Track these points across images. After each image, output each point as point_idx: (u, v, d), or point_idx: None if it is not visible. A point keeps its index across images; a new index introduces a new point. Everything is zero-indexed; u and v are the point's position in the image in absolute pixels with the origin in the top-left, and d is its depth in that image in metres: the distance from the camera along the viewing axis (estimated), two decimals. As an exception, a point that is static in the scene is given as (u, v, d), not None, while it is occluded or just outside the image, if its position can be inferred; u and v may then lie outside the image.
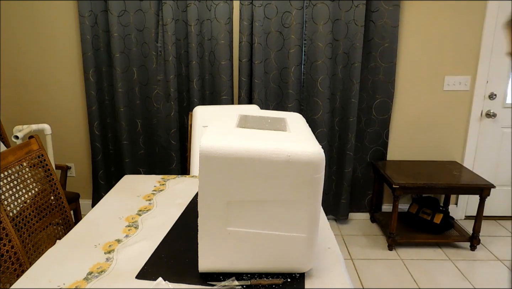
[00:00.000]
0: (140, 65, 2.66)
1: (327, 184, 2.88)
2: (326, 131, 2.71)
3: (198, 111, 2.15)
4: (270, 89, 2.68)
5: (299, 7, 2.48)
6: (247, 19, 2.50)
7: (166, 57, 2.57)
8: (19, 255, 1.29)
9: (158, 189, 1.68)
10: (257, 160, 0.92)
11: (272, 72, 2.63)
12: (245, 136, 0.98)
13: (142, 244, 1.21)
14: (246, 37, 2.53)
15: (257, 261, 1.03)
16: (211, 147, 0.91)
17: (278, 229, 0.99)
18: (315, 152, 0.93)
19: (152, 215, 1.42)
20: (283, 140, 0.97)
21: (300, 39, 2.54)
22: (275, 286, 1.01)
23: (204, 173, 0.93)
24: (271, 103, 2.71)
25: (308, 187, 0.95)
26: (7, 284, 1.21)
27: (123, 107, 2.68)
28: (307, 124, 1.22)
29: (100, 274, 1.05)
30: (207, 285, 1.00)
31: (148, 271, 1.06)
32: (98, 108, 2.72)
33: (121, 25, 2.55)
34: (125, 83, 2.66)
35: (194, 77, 2.61)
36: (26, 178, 1.53)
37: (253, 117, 1.20)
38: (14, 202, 1.42)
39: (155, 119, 2.75)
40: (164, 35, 2.54)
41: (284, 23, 2.54)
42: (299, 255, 1.02)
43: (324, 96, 2.62)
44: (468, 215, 3.03)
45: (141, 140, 2.80)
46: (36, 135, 1.64)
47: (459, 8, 2.59)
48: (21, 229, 1.40)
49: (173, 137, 2.73)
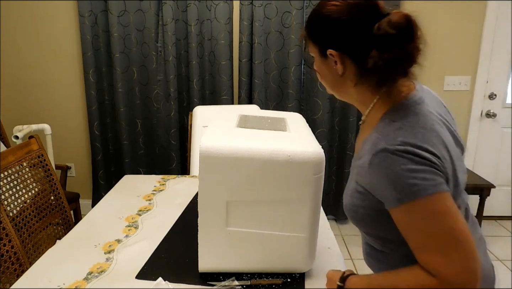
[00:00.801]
0: (140, 65, 2.66)
1: (327, 184, 2.88)
2: (326, 131, 2.70)
3: (198, 111, 2.15)
4: (270, 89, 2.68)
5: (299, 7, 2.48)
6: (247, 19, 2.50)
7: (166, 57, 2.57)
8: (19, 255, 1.29)
9: (158, 189, 1.68)
10: (257, 160, 0.91)
11: (272, 72, 2.63)
12: (245, 136, 0.98)
13: (142, 244, 1.21)
14: (246, 37, 2.53)
15: (257, 261, 1.03)
16: (211, 147, 0.91)
17: (278, 229, 0.99)
18: (315, 152, 0.93)
19: (152, 215, 1.42)
20: (283, 140, 0.97)
21: (300, 39, 2.54)
22: (275, 286, 1.01)
23: (204, 173, 0.93)
24: (271, 103, 2.71)
25: (308, 187, 0.95)
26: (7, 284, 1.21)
27: (123, 107, 2.68)
28: (307, 124, 1.22)
29: (100, 274, 1.05)
30: (207, 285, 1.00)
31: (148, 271, 1.06)
32: (98, 108, 2.72)
33: (121, 25, 2.55)
34: (125, 83, 2.66)
35: (194, 77, 2.61)
36: (26, 178, 1.53)
37: (253, 117, 1.20)
38: (14, 202, 1.42)
39: (155, 119, 2.75)
40: (164, 35, 2.54)
41: (284, 23, 2.54)
42: (299, 255, 1.02)
43: (324, 96, 2.62)
44: (468, 215, 3.02)
45: (141, 140, 2.80)
46: (36, 135, 1.64)
47: (459, 8, 2.58)
48: (21, 229, 1.40)
49: (173, 137, 2.73)
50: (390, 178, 0.70)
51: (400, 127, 0.73)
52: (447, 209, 0.69)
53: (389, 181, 0.70)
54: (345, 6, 0.77)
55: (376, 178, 0.73)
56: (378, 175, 0.72)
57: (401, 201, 0.70)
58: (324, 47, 0.81)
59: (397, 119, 0.75)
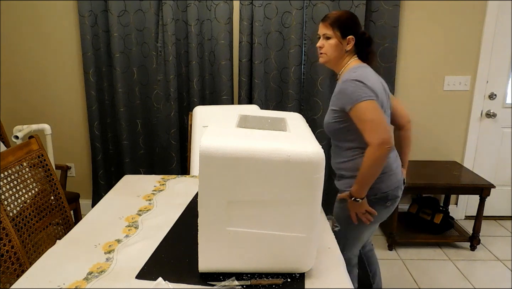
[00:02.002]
0: (140, 65, 2.66)
1: (327, 184, 2.88)
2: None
3: (198, 111, 2.15)
4: (270, 89, 2.67)
5: (299, 7, 2.48)
6: (247, 19, 2.50)
7: (166, 57, 2.57)
8: (19, 255, 1.29)
9: (158, 189, 1.68)
10: (257, 160, 0.91)
11: (272, 72, 2.63)
12: (245, 136, 0.98)
13: (142, 244, 1.21)
14: (246, 37, 2.53)
15: (257, 261, 1.03)
16: (211, 147, 0.91)
17: (278, 229, 0.99)
18: (315, 152, 0.93)
19: (152, 215, 1.42)
20: (283, 140, 0.97)
21: (300, 39, 2.54)
22: (275, 286, 1.01)
23: (204, 173, 0.93)
24: (271, 103, 2.71)
25: (308, 187, 0.95)
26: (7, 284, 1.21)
27: (123, 107, 2.68)
28: (307, 124, 1.22)
29: (100, 274, 1.05)
30: (207, 285, 1.00)
31: (148, 271, 1.06)
32: (98, 108, 2.72)
33: (121, 25, 2.55)
34: (125, 83, 2.66)
35: (194, 77, 2.61)
36: (26, 178, 1.53)
37: (253, 117, 1.21)
38: (14, 202, 1.42)
39: (155, 119, 2.75)
40: (164, 35, 2.54)
41: (284, 23, 2.54)
42: (299, 255, 1.02)
43: (324, 96, 2.62)
44: (468, 215, 3.02)
45: (141, 140, 2.80)
46: (36, 135, 1.64)
47: (459, 8, 2.58)
48: (21, 229, 1.40)
49: (173, 137, 2.73)
50: (346, 93, 1.36)
51: (355, 72, 1.40)
52: (374, 109, 1.34)
53: (347, 95, 1.36)
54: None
55: (341, 95, 1.38)
56: (343, 94, 1.38)
57: (352, 104, 1.34)
58: (346, 33, 1.45)
59: (355, 70, 1.42)
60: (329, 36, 1.46)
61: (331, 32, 1.45)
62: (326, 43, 1.47)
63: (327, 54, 1.47)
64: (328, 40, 1.46)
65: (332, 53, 1.47)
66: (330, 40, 1.46)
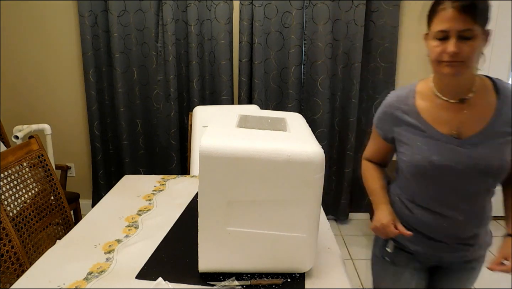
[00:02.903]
0: (140, 65, 2.66)
1: (327, 184, 2.88)
2: (326, 131, 2.70)
3: (198, 111, 2.15)
4: (270, 89, 2.67)
5: (299, 7, 2.48)
6: (247, 19, 2.50)
7: (166, 57, 2.57)
8: (19, 255, 1.29)
9: (158, 189, 1.68)
10: (257, 160, 0.91)
11: (272, 72, 2.63)
12: (245, 136, 0.98)
13: (142, 244, 1.21)
14: (246, 37, 2.53)
15: (257, 261, 1.03)
16: (211, 147, 0.91)
17: (278, 229, 0.99)
18: (315, 152, 0.93)
19: (152, 215, 1.42)
20: (283, 140, 0.97)
21: (300, 39, 2.54)
22: (275, 286, 1.01)
23: (204, 173, 0.93)
24: (271, 103, 2.71)
25: (308, 187, 0.95)
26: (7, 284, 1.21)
27: (123, 107, 2.68)
28: (307, 124, 1.22)
29: (100, 274, 1.05)
30: (207, 285, 1.00)
31: (148, 271, 1.06)
32: (98, 108, 2.72)
33: (121, 25, 2.55)
34: (125, 83, 2.66)
35: (194, 77, 2.61)
36: (26, 178, 1.53)
37: (253, 117, 1.20)
38: (14, 202, 1.42)
39: (155, 119, 2.75)
40: (164, 35, 2.54)
41: (284, 23, 2.54)
42: (299, 255, 1.02)
43: (324, 96, 2.62)
44: (468, 215, 3.02)
45: (141, 140, 2.80)
46: (36, 135, 1.64)
47: (459, 8, 2.58)
48: (21, 229, 1.40)
49: (173, 137, 2.73)
50: None
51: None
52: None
53: None
54: None
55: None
56: None
57: None
58: (485, 27, 0.95)
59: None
60: (470, 35, 0.92)
61: (477, 29, 0.93)
62: (466, 46, 0.93)
63: (467, 62, 0.95)
64: (468, 41, 0.93)
65: (475, 61, 0.97)
66: (472, 41, 0.93)
